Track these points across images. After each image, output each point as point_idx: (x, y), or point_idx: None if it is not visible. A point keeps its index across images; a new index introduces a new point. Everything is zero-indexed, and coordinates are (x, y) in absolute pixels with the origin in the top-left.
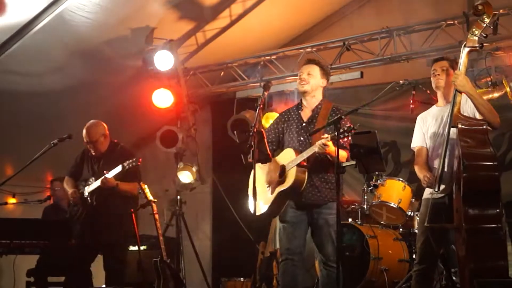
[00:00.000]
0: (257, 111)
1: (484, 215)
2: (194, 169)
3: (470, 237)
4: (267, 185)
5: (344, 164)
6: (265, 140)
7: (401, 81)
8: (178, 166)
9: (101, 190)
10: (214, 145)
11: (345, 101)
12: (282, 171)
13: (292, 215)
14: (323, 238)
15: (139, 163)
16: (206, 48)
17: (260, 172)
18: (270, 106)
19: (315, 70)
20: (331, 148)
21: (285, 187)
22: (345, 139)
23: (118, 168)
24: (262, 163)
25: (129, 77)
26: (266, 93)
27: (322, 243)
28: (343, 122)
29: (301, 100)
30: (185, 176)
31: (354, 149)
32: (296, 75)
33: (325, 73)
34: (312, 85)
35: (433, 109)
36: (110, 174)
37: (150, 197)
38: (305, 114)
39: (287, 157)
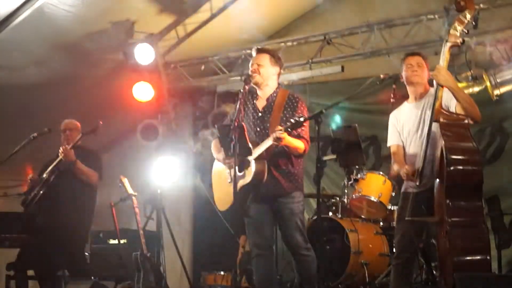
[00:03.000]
0: (237, 105)
1: (467, 208)
2: (175, 162)
3: (452, 231)
4: (229, 180)
5: (324, 158)
6: (246, 134)
7: (382, 75)
8: (159, 160)
9: (60, 170)
10: (195, 139)
11: (326, 95)
12: (242, 166)
13: (255, 209)
14: (291, 229)
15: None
16: (187, 41)
17: (220, 165)
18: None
19: (265, 59)
20: (287, 139)
21: (247, 182)
22: (302, 129)
23: (79, 136)
24: (244, 156)
25: (110, 71)
26: (247, 87)
27: (290, 234)
28: (298, 112)
29: (255, 90)
30: (166, 170)
31: (335, 143)
32: None
33: (276, 60)
34: (263, 75)
35: (405, 106)
36: (70, 145)
37: (130, 191)
38: (260, 104)
39: None
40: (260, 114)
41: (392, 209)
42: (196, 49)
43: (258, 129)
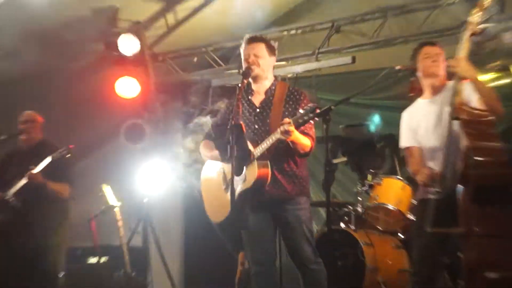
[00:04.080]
0: (235, 102)
1: (497, 216)
2: (163, 168)
3: (481, 242)
4: (224, 186)
5: (334, 161)
6: (244, 134)
7: (398, 67)
8: (146, 165)
9: (26, 190)
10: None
11: (335, 90)
12: (240, 168)
13: (255, 219)
14: (298, 240)
15: (70, 150)
16: (178, 30)
17: (211, 171)
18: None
19: (262, 49)
20: (296, 134)
21: (247, 187)
22: (308, 124)
23: (47, 160)
24: (242, 160)
25: (90, 64)
26: (245, 81)
27: (298, 245)
28: (302, 106)
29: (248, 84)
30: (153, 176)
31: (346, 144)
32: (279, 60)
33: (272, 49)
34: (263, 67)
35: (420, 103)
36: (37, 168)
37: (113, 201)
38: (257, 99)
39: None
40: (258, 110)
41: (412, 218)
42: (188, 39)
43: (257, 126)
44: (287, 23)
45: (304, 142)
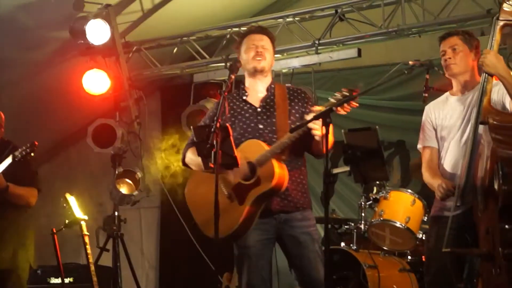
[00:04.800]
0: (221, 100)
1: None
2: (137, 176)
3: (510, 264)
4: (227, 194)
5: (335, 171)
6: (231, 138)
7: (410, 62)
8: (116, 172)
9: None
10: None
11: (338, 88)
12: (252, 170)
13: (256, 238)
14: (312, 260)
15: (35, 147)
16: (155, 16)
17: (198, 182)
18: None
19: (269, 43)
20: (319, 131)
21: (264, 190)
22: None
23: (8, 161)
24: (227, 168)
25: (52, 54)
26: (233, 76)
27: (312, 266)
28: (310, 102)
29: (240, 85)
30: (125, 186)
31: (349, 151)
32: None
33: (274, 46)
34: (268, 61)
35: (448, 98)
36: None
37: (78, 214)
38: (255, 99)
39: (253, 150)
40: (259, 109)
41: (423, 238)
42: (167, 27)
43: (261, 126)
44: (282, 9)
45: (331, 138)
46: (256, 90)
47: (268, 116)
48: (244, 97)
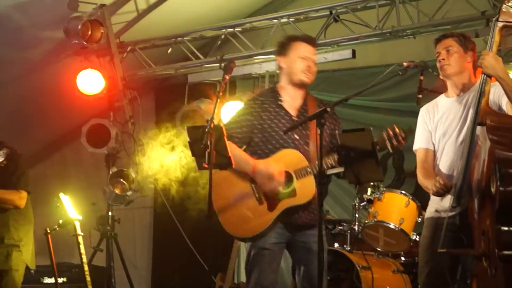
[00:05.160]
0: (215, 101)
1: None
2: (131, 176)
3: (506, 267)
4: (257, 196)
5: (328, 172)
6: (225, 138)
7: (405, 63)
8: (110, 172)
9: None
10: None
11: (332, 89)
12: (290, 180)
13: (273, 241)
14: (319, 270)
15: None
16: (149, 16)
17: (233, 176)
18: (233, 94)
19: (314, 52)
20: None
21: (298, 203)
22: None
23: None
24: (221, 169)
25: (47, 53)
26: (227, 77)
27: (319, 275)
28: (335, 116)
29: (274, 88)
30: (119, 186)
31: (343, 151)
32: (268, 53)
33: None
34: (313, 72)
35: (442, 100)
36: None
37: (72, 213)
38: (290, 106)
39: (290, 160)
40: (295, 117)
41: (417, 239)
42: (161, 27)
43: (296, 136)
44: (277, 10)
45: None
46: (292, 98)
47: (303, 127)
48: (280, 102)
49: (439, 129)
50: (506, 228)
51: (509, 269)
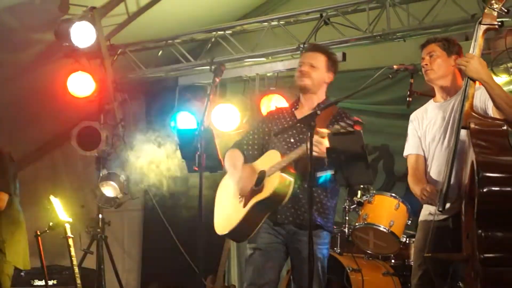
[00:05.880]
0: (206, 103)
1: (505, 241)
2: (121, 179)
3: (486, 271)
4: (239, 196)
5: (318, 174)
6: (215, 141)
7: (395, 66)
8: (101, 175)
9: None
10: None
11: None
12: (260, 178)
13: (266, 241)
14: (306, 277)
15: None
16: (140, 19)
17: (228, 181)
18: (223, 96)
19: (321, 61)
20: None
21: (262, 198)
22: None
23: None
24: (212, 171)
25: (37, 56)
26: (217, 80)
27: (305, 281)
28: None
29: (299, 98)
30: (109, 189)
31: (333, 154)
32: (258, 56)
33: (333, 64)
34: (314, 79)
35: (431, 106)
36: None
37: (62, 216)
38: (301, 113)
39: (269, 160)
40: (299, 124)
41: (407, 242)
42: (152, 30)
43: (292, 140)
44: (267, 13)
45: None
46: (305, 106)
47: (302, 132)
48: (294, 110)
49: (428, 135)
50: (485, 232)
51: (489, 272)
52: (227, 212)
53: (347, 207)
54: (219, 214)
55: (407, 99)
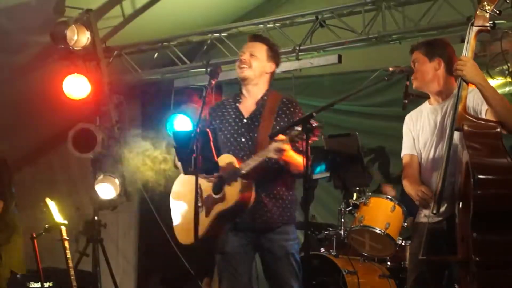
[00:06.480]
0: (201, 106)
1: (500, 244)
2: (117, 181)
3: (481, 273)
4: (200, 204)
5: (315, 176)
6: (211, 143)
7: (391, 68)
8: (96, 177)
9: None
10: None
11: (318, 94)
12: (218, 184)
13: (235, 245)
14: (284, 274)
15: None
16: (136, 21)
17: (184, 184)
18: (219, 99)
19: (261, 50)
20: (290, 153)
21: (226, 207)
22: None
23: None
24: (207, 174)
25: (32, 58)
26: (213, 82)
27: (284, 280)
28: (297, 117)
29: (240, 90)
30: (105, 191)
31: (329, 156)
32: None
33: (274, 54)
34: (255, 69)
35: (425, 107)
36: None
37: (58, 218)
38: (246, 108)
39: (225, 165)
40: (245, 120)
41: (403, 244)
42: (148, 32)
43: (243, 139)
44: (263, 15)
45: (299, 160)
46: (248, 98)
47: (252, 129)
48: (237, 104)
49: (421, 137)
50: (481, 235)
51: (485, 275)
52: (188, 221)
53: (343, 209)
54: (180, 222)
55: (403, 101)
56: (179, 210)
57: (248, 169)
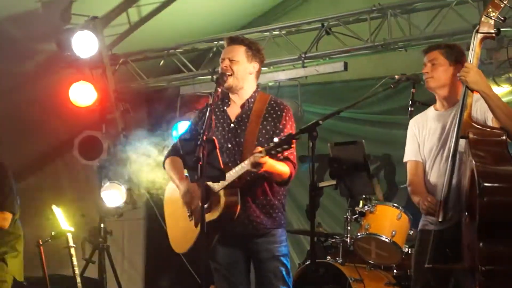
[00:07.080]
0: (207, 113)
1: (506, 252)
2: (123, 188)
3: (487, 282)
4: (189, 213)
5: (320, 184)
6: (218, 151)
7: (397, 76)
8: (103, 185)
9: None
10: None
11: (323, 101)
12: (206, 195)
13: (225, 254)
14: (271, 279)
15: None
16: (142, 29)
17: (175, 192)
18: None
19: (239, 52)
20: (269, 164)
21: (214, 217)
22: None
23: None
24: (214, 181)
25: (39, 66)
26: (219, 89)
27: (270, 283)
28: (282, 123)
29: (228, 94)
30: (111, 198)
31: (335, 165)
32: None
33: (254, 53)
34: (237, 74)
35: (431, 113)
36: None
37: (64, 225)
38: (233, 112)
39: None
40: (232, 125)
41: (409, 252)
42: (154, 39)
43: (230, 145)
44: (269, 22)
45: (282, 170)
46: (236, 103)
47: (238, 134)
48: (226, 107)
49: (427, 143)
50: (487, 244)
51: (491, 285)
52: (181, 230)
53: (348, 217)
54: (174, 231)
55: (409, 109)
56: (173, 216)
57: (229, 179)
